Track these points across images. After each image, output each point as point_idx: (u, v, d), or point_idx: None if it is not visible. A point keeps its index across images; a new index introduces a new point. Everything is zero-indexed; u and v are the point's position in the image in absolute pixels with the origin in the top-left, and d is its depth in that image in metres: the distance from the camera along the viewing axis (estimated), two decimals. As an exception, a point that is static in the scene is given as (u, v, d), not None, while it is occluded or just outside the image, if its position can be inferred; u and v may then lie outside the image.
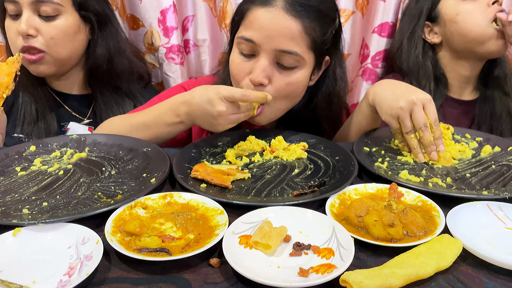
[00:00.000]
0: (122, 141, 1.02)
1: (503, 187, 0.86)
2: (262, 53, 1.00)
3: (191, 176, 0.86)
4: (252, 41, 1.00)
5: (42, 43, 1.16)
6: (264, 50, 0.99)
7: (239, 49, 1.04)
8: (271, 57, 1.00)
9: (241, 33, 1.03)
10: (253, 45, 1.00)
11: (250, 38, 0.99)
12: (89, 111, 1.34)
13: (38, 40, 1.15)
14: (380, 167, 0.93)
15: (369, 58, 1.58)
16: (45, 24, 1.15)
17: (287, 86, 1.03)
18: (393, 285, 0.56)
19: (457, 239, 0.65)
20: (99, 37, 1.27)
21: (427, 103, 0.96)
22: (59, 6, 1.15)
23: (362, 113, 1.12)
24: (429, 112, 0.95)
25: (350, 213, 0.72)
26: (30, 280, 0.58)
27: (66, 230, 0.67)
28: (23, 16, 1.13)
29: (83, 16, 1.22)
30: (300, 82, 1.05)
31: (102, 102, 1.30)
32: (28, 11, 1.13)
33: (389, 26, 1.52)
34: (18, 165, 0.92)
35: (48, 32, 1.15)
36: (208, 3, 1.53)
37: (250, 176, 0.89)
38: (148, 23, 1.48)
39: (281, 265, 0.62)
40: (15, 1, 1.12)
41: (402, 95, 0.97)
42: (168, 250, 0.62)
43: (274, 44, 0.98)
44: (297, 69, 1.02)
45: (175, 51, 1.50)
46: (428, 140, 0.95)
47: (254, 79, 1.00)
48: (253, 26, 0.99)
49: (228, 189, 0.83)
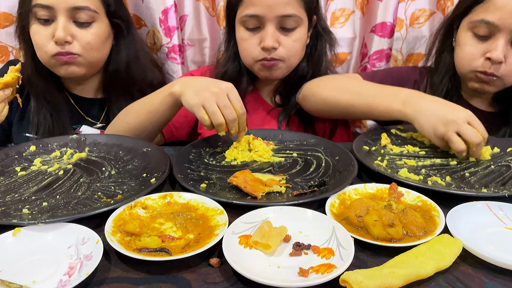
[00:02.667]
0: (122, 141, 1.03)
1: (502, 186, 0.86)
2: (267, 23, 1.15)
3: (228, 181, 0.84)
4: (256, 16, 1.15)
5: (77, 48, 1.15)
6: (268, 20, 1.15)
7: (244, 26, 1.19)
8: (275, 23, 1.16)
9: (243, 12, 1.17)
10: (258, 18, 1.15)
11: (255, 14, 1.15)
12: (102, 115, 1.33)
13: (74, 46, 1.15)
14: (379, 165, 0.94)
15: (367, 57, 1.58)
16: (80, 30, 1.15)
17: (294, 43, 1.20)
18: (393, 285, 0.56)
19: (457, 239, 0.65)
20: (122, 44, 1.27)
21: (471, 119, 0.95)
22: (94, 14, 1.15)
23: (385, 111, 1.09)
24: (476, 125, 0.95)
25: (350, 213, 0.72)
26: (30, 280, 0.58)
27: (66, 230, 0.67)
28: (60, 23, 1.11)
29: (113, 22, 1.22)
30: (302, 38, 1.22)
31: (116, 107, 1.28)
32: (64, 17, 1.11)
33: (387, 26, 1.52)
34: (18, 165, 0.92)
35: (84, 38, 1.15)
36: (204, 3, 1.52)
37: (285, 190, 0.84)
38: (150, 23, 1.49)
39: (281, 265, 0.62)
40: (50, 6, 1.10)
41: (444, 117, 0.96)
42: (168, 250, 0.62)
43: (276, 12, 1.14)
44: (298, 28, 1.19)
45: (176, 51, 1.50)
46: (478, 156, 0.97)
47: (267, 45, 1.16)
48: (254, 2, 1.14)
49: (228, 189, 0.83)
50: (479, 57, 1.14)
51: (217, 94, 0.93)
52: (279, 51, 1.18)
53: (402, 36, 1.61)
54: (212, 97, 0.93)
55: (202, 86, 0.96)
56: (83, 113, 1.31)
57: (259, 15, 1.14)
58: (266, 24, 1.16)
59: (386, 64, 1.59)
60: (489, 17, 1.08)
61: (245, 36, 1.20)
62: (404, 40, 1.61)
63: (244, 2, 1.17)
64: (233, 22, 1.24)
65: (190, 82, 1.00)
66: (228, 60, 1.30)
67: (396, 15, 1.52)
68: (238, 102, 0.95)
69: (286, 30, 1.18)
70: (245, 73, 1.30)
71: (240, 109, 0.95)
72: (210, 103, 0.92)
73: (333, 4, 1.54)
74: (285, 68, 1.24)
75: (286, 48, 1.19)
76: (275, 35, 1.17)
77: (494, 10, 1.08)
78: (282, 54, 1.19)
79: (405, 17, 1.58)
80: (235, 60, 1.29)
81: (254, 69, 1.26)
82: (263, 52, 1.18)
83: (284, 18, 1.15)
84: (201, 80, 1.00)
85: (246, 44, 1.21)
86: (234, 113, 0.94)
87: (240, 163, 0.98)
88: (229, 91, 0.95)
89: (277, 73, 1.24)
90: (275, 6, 1.13)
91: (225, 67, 1.30)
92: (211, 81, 0.99)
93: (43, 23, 1.13)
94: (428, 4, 1.57)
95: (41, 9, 1.11)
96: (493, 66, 1.11)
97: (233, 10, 1.21)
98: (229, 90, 0.95)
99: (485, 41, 1.12)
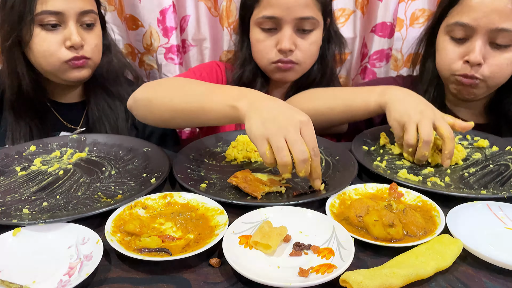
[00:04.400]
0: (122, 141, 1.03)
1: (501, 187, 0.86)
2: (285, 25, 1.15)
3: (228, 181, 0.83)
4: (274, 17, 1.14)
5: (88, 52, 1.15)
6: (285, 22, 1.14)
7: (260, 27, 1.18)
8: (292, 25, 1.15)
9: (261, 13, 1.16)
10: (275, 20, 1.15)
11: (272, 15, 1.14)
12: (81, 119, 1.30)
13: (85, 49, 1.14)
14: (379, 166, 0.94)
15: (367, 57, 1.58)
16: (87, 33, 1.14)
17: (310, 46, 1.20)
18: (393, 285, 0.56)
19: (457, 239, 0.65)
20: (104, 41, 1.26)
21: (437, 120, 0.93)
22: (95, 15, 1.16)
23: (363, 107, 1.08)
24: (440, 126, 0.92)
25: (350, 213, 0.72)
26: (30, 280, 0.58)
27: (66, 230, 0.67)
28: (71, 28, 1.09)
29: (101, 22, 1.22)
30: (318, 41, 1.23)
31: (96, 108, 1.26)
32: (74, 22, 1.10)
33: (387, 26, 1.52)
34: (18, 165, 0.92)
35: (92, 40, 1.15)
36: (206, 3, 1.52)
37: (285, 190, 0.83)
38: (148, 23, 1.48)
39: (281, 265, 0.62)
40: (60, 12, 1.08)
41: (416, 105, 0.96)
42: (168, 250, 0.62)
43: (293, 14, 1.13)
44: (314, 31, 1.19)
45: (174, 52, 1.50)
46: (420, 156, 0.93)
47: (284, 48, 1.15)
48: (272, 4, 1.13)
49: (228, 189, 0.83)
50: (457, 60, 1.12)
51: (286, 127, 0.75)
52: (295, 54, 1.18)
53: (402, 36, 1.61)
54: (280, 130, 0.75)
55: (272, 115, 0.77)
56: (62, 119, 1.28)
57: (277, 17, 1.14)
58: (283, 26, 1.15)
59: (386, 64, 1.60)
60: (464, 19, 1.07)
61: (261, 37, 1.19)
62: (404, 40, 1.61)
63: (261, 3, 1.16)
64: (248, 23, 1.23)
65: (259, 104, 0.80)
66: (244, 62, 1.29)
67: (396, 15, 1.52)
68: (311, 141, 0.76)
69: (303, 32, 1.17)
70: (259, 75, 1.29)
71: (313, 150, 0.76)
72: (277, 137, 0.74)
73: (333, 4, 1.53)
74: (299, 71, 1.24)
75: (302, 51, 1.19)
76: (292, 37, 1.16)
77: (468, 12, 1.06)
78: (298, 57, 1.19)
79: (405, 17, 1.58)
80: (251, 62, 1.28)
81: (268, 70, 1.25)
82: (279, 54, 1.18)
83: (302, 21, 1.14)
84: (272, 106, 0.79)
85: (261, 46, 1.20)
86: (306, 151, 0.74)
87: (240, 163, 0.98)
88: (304, 126, 0.76)
89: (291, 76, 1.24)
90: (294, 8, 1.12)
91: (241, 69, 1.29)
92: (283, 110, 0.78)
93: (50, 29, 1.09)
94: (428, 4, 1.57)
95: (48, 15, 1.08)
96: (473, 69, 1.09)
97: (249, 11, 1.20)
98: (303, 125, 0.76)
99: (462, 43, 1.11)
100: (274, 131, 0.74)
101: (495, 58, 1.08)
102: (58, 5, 1.07)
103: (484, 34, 1.05)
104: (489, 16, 1.03)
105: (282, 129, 0.74)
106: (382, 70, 1.61)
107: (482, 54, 1.07)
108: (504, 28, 1.02)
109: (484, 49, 1.07)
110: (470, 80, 1.11)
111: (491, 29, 1.04)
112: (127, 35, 1.54)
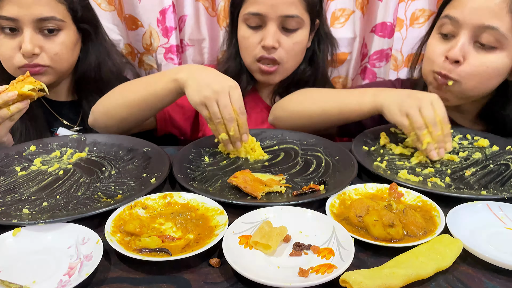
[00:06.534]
0: (122, 141, 1.03)
1: (501, 187, 0.86)
2: (269, 22, 1.16)
3: (227, 181, 0.84)
4: (259, 14, 1.15)
5: (45, 60, 1.12)
6: (270, 19, 1.16)
7: (247, 24, 1.20)
8: (277, 23, 1.17)
9: (247, 9, 1.18)
10: (260, 17, 1.16)
11: (257, 12, 1.16)
12: (79, 118, 1.30)
13: (42, 57, 1.11)
14: (379, 167, 0.94)
15: (367, 57, 1.58)
16: (47, 41, 1.11)
17: (294, 46, 1.20)
18: (393, 285, 0.56)
19: (457, 239, 0.65)
20: (91, 46, 1.24)
21: (435, 101, 0.95)
22: (61, 22, 1.12)
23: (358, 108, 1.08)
24: (437, 108, 0.94)
25: (350, 213, 0.72)
26: (30, 280, 0.58)
27: (66, 230, 0.67)
28: (26, 35, 1.07)
29: (79, 28, 1.19)
30: (303, 41, 1.23)
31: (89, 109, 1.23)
32: (30, 29, 1.08)
33: (387, 26, 1.52)
34: (18, 165, 0.92)
35: (52, 49, 1.12)
36: (204, 3, 1.52)
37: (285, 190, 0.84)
38: (147, 23, 1.48)
39: (281, 265, 0.62)
40: (14, 18, 1.06)
41: (409, 95, 0.98)
42: (168, 250, 0.62)
43: (278, 11, 1.14)
44: (299, 30, 1.20)
45: (173, 51, 1.50)
46: (437, 136, 0.94)
47: (267, 44, 1.16)
48: (258, 1, 1.15)
49: (228, 189, 0.83)
50: (439, 56, 1.07)
51: (218, 93, 0.92)
52: (278, 52, 1.19)
53: (402, 36, 1.61)
54: (213, 95, 0.92)
55: (206, 82, 0.94)
56: (58, 116, 1.28)
57: (262, 14, 1.15)
58: (268, 23, 1.17)
59: (386, 64, 1.59)
60: (452, 13, 1.04)
61: (247, 34, 1.21)
62: (404, 40, 1.61)
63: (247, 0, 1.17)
64: (237, 20, 1.25)
65: (195, 73, 0.97)
66: (229, 58, 1.31)
67: (396, 15, 1.52)
68: (237, 102, 0.93)
69: (288, 30, 1.18)
70: (245, 72, 1.30)
71: (239, 109, 0.93)
72: (211, 102, 0.92)
73: (333, 4, 1.54)
74: (282, 73, 1.26)
75: (286, 49, 1.20)
76: (276, 34, 1.17)
77: (458, 6, 1.03)
78: (281, 55, 1.20)
79: (405, 17, 1.58)
80: (236, 58, 1.29)
81: (252, 70, 1.26)
82: (262, 51, 1.19)
83: (286, 19, 1.16)
84: (206, 74, 0.97)
85: (247, 42, 1.21)
86: (232, 113, 0.92)
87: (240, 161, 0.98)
88: (231, 90, 0.93)
89: (275, 78, 1.26)
90: (278, 5, 1.14)
91: (226, 65, 1.30)
92: (215, 76, 0.96)
93: (9, 33, 1.09)
94: (428, 4, 1.57)
95: (4, 20, 1.07)
96: (450, 67, 1.04)
97: (237, 8, 1.22)
98: (231, 89, 0.93)
99: (449, 41, 1.07)
100: (209, 97, 0.92)
101: (475, 59, 1.02)
102: (13, 11, 1.05)
103: (469, 30, 1.01)
104: (477, 11, 1.00)
105: (215, 94, 0.92)
106: (382, 70, 1.60)
107: (464, 52, 1.02)
108: (491, 25, 0.98)
109: (467, 48, 1.02)
110: (443, 79, 1.06)
111: (478, 25, 0.99)
112: (127, 35, 1.53)
